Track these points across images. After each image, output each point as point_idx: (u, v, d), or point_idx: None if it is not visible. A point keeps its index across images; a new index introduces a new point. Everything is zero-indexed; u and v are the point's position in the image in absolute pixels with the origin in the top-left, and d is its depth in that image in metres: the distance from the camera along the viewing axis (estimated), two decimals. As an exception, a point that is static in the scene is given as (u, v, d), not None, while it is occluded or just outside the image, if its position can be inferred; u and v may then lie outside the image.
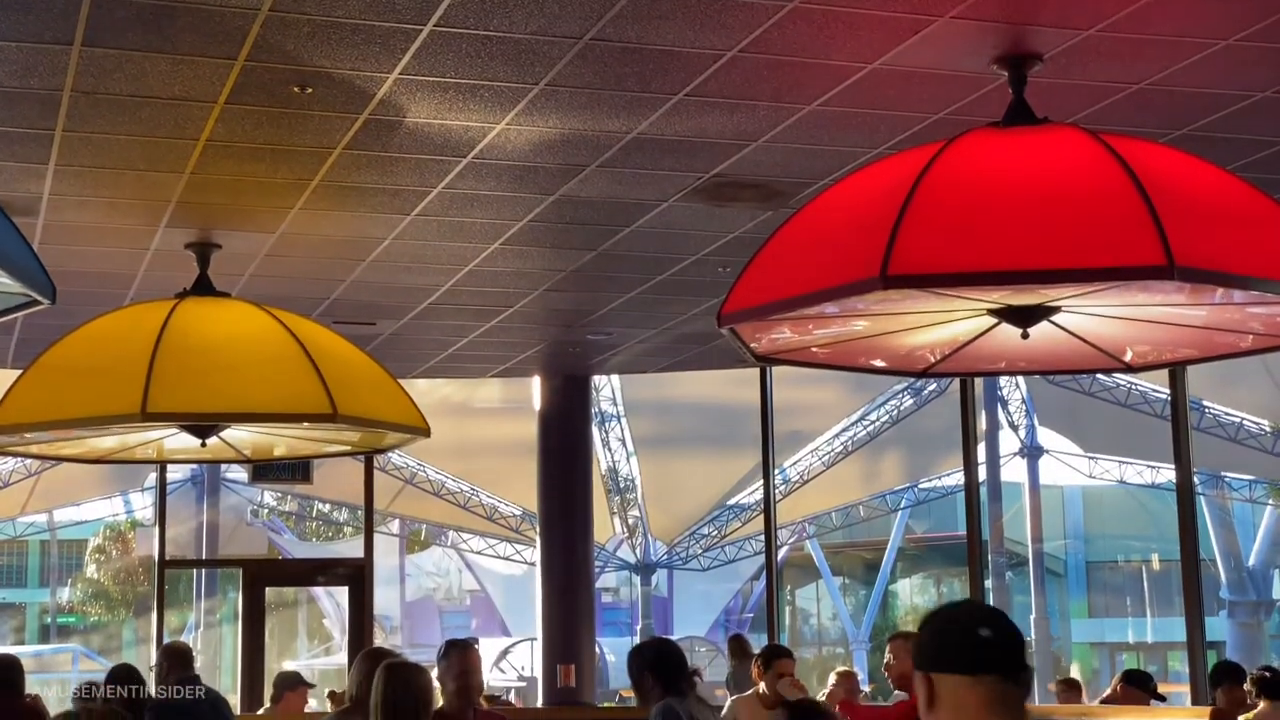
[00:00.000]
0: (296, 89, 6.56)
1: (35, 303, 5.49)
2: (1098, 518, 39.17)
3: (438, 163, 7.68)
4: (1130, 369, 7.27)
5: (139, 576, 37.15)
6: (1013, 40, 6.07)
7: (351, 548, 27.13)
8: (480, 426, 22.94)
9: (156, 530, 14.56)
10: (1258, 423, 25.26)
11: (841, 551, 38.32)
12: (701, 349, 13.01)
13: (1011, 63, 6.15)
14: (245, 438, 9.25)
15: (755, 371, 13.70)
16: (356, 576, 14.30)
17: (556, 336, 12.70)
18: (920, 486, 30.22)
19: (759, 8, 5.76)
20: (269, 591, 15.36)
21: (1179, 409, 11.28)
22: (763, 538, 14.41)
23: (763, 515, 14.27)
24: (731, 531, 28.73)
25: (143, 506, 32.89)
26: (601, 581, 30.96)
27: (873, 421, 27.06)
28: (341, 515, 30.90)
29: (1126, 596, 38.86)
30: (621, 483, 26.81)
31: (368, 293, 10.59)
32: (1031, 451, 28.66)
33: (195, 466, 23.71)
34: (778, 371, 13.73)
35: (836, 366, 7.47)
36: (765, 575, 17.12)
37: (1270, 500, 30.17)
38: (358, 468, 14.81)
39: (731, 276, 6.16)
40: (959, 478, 18.30)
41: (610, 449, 25.89)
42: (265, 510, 31.95)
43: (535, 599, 15.17)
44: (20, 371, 8.24)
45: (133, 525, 36.15)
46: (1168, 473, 19.29)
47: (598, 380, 21.50)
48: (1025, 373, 18.70)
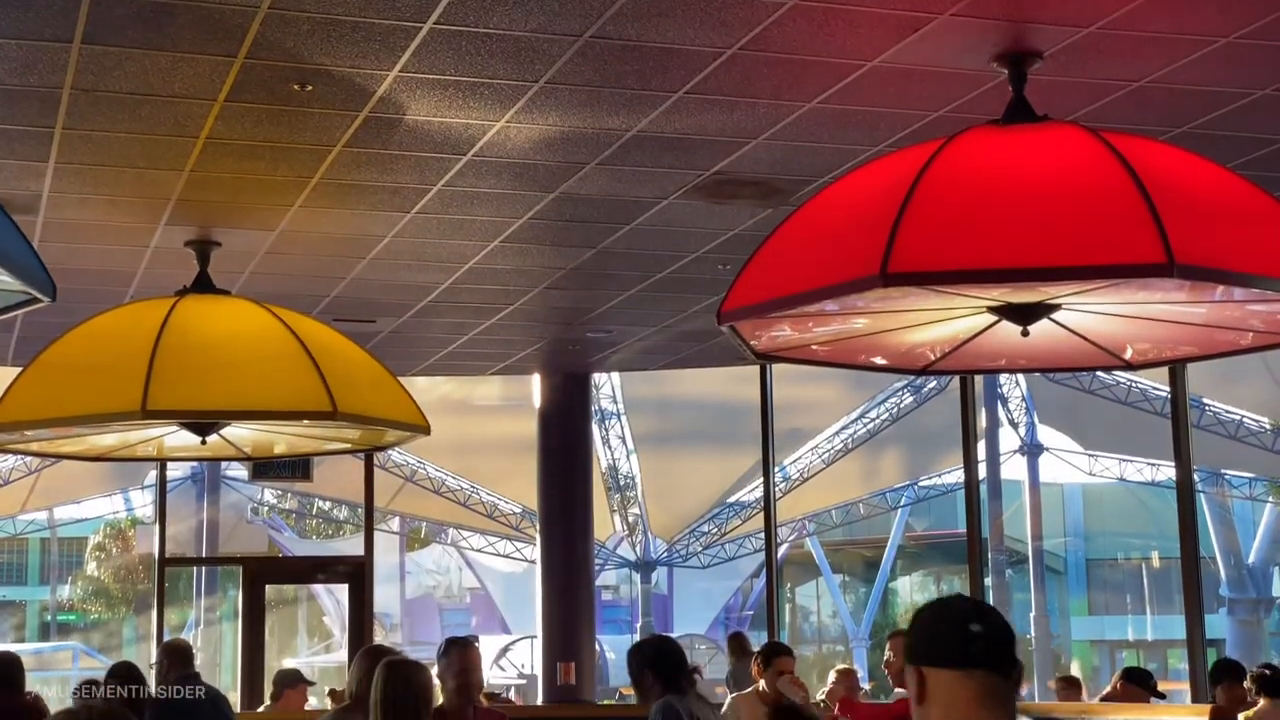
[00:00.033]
0: (296, 86, 6.56)
1: (35, 300, 5.49)
2: (1098, 515, 39.19)
3: (437, 160, 7.68)
4: (1130, 366, 7.26)
5: (139, 574, 37.15)
6: (1013, 38, 6.07)
7: (351, 545, 27.12)
8: (480, 424, 22.93)
9: (157, 528, 14.57)
10: (1258, 420, 25.25)
11: (841, 549, 38.33)
12: (701, 346, 13.01)
13: (1011, 60, 6.14)
14: (245, 435, 9.25)
15: (755, 369, 13.71)
16: (356, 574, 14.30)
17: (556, 334, 12.70)
18: (920, 484, 30.21)
19: (759, 5, 5.76)
20: (269, 589, 15.36)
21: (1179, 406, 11.28)
22: (763, 535, 14.42)
23: (763, 513, 14.27)
24: (731, 529, 28.72)
25: (143, 504, 32.92)
26: (601, 579, 30.96)
27: (873, 419, 27.05)
28: (341, 513, 30.88)
29: (1126, 594, 38.89)
30: (621, 480, 26.80)
31: (368, 290, 10.59)
32: (1031, 449, 28.66)
33: (195, 464, 23.70)
34: (778, 369, 13.73)
35: (836, 364, 7.46)
36: (765, 573, 17.14)
37: (1270, 498, 30.17)
38: (358, 465, 14.82)
39: (731, 274, 6.16)
40: (959, 475, 18.30)
41: (610, 446, 25.88)
42: (265, 508, 31.96)
43: (535, 597, 15.17)
44: (20, 369, 8.23)
45: (133, 523, 36.17)
46: (1168, 470, 19.31)
47: (598, 378, 21.49)
48: (1025, 370, 18.69)
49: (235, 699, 12.91)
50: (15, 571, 44.23)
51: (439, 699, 5.90)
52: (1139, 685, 10.17)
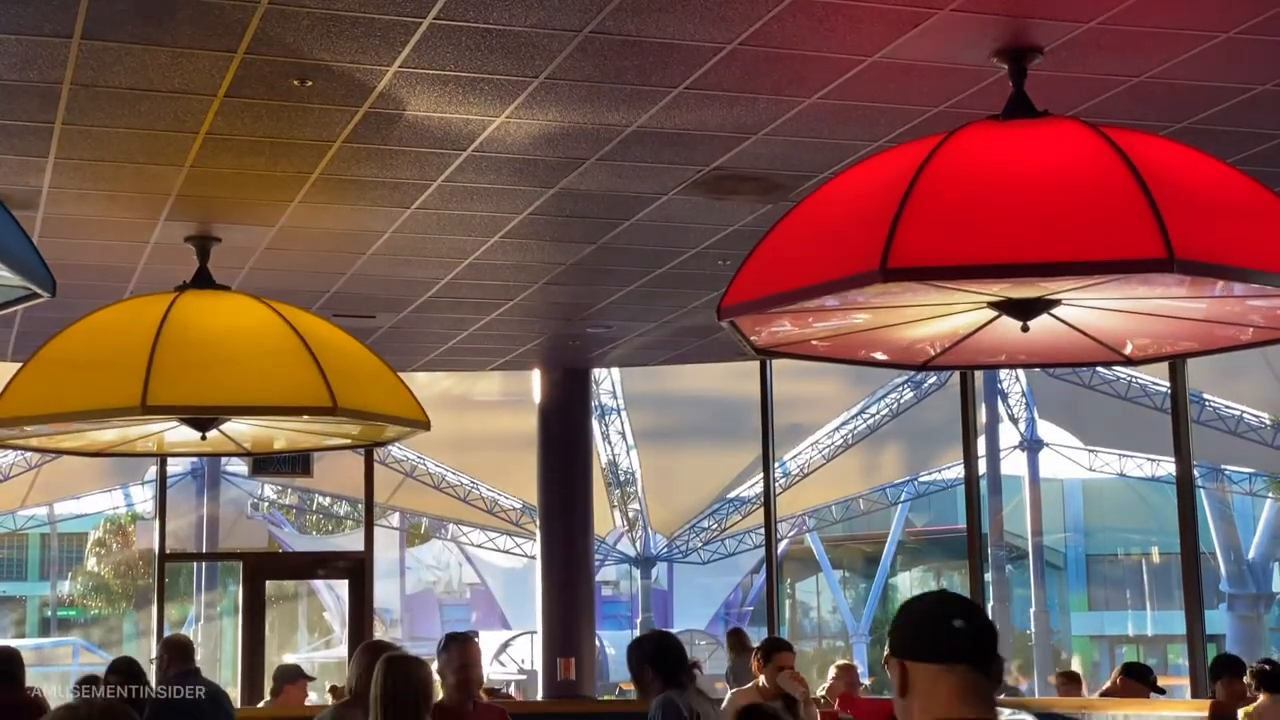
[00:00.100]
0: (296, 82, 6.56)
1: (35, 296, 5.48)
2: (1098, 511, 39.20)
3: (437, 156, 7.68)
4: (1130, 362, 7.26)
5: (139, 570, 37.14)
6: (1013, 33, 6.07)
7: (352, 541, 27.12)
8: (480, 420, 22.92)
9: (157, 523, 14.57)
10: (1258, 416, 25.24)
11: (841, 545, 38.33)
12: (701, 342, 13.01)
13: (1012, 55, 6.14)
14: (245, 431, 9.25)
15: (755, 365, 13.70)
16: (357, 570, 14.30)
17: (556, 330, 12.69)
18: (920, 480, 30.18)
19: (759, 0, 5.76)
20: (269, 584, 15.38)
21: (1179, 402, 11.28)
22: (763, 531, 14.41)
23: (763, 508, 14.27)
24: (732, 525, 28.70)
25: (143, 500, 32.87)
26: (601, 575, 30.96)
27: (873, 415, 27.03)
28: (342, 508, 30.87)
29: (1126, 590, 38.90)
30: (621, 476, 26.78)
31: (367, 286, 10.59)
32: (1031, 445, 28.65)
33: (195, 459, 23.72)
34: (778, 365, 13.73)
35: (836, 359, 7.45)
36: (765, 568, 17.15)
37: (1270, 493, 30.16)
38: (358, 461, 14.81)
39: (731, 269, 6.16)
40: (959, 471, 18.29)
41: (610, 442, 25.86)
42: (265, 503, 31.95)
43: (535, 592, 15.17)
44: (20, 364, 8.24)
45: (133, 518, 36.18)
46: (1168, 466, 19.31)
47: (598, 373, 21.47)
48: (1025, 366, 18.67)
49: (235, 694, 12.91)
50: (15, 567, 44.25)
51: (439, 694, 5.91)
52: (1139, 680, 10.18)
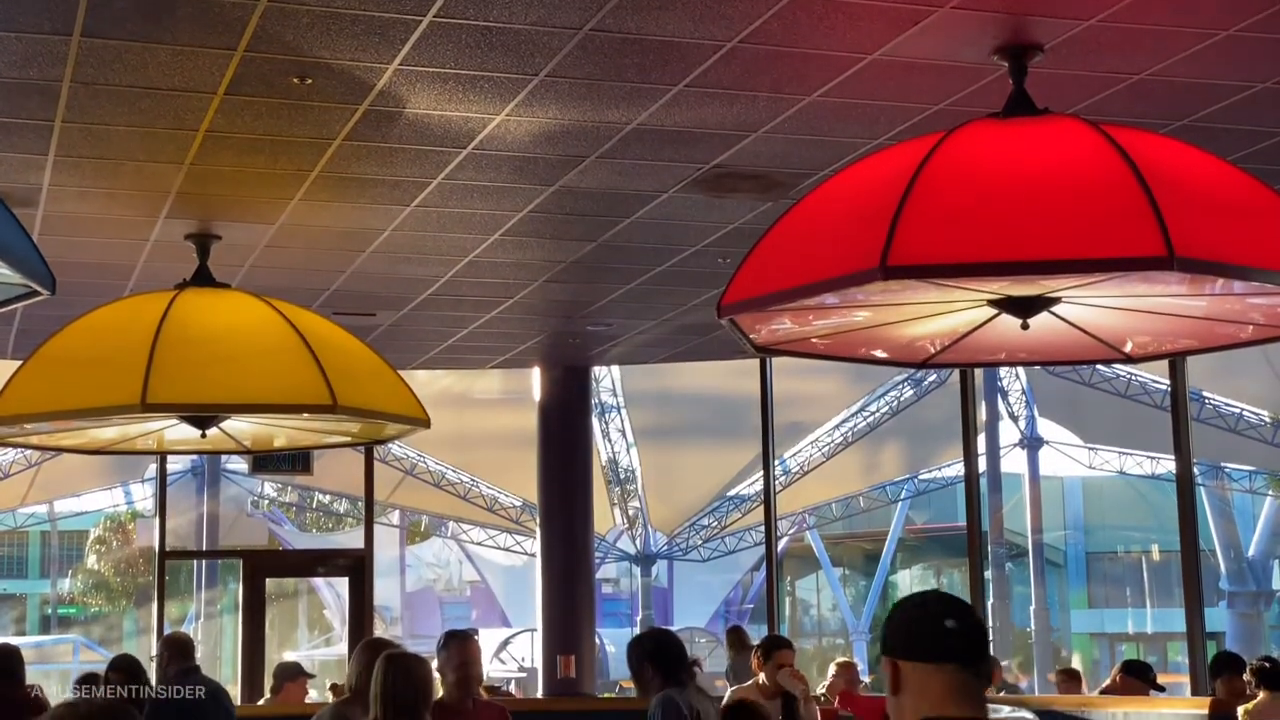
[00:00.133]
0: (296, 80, 6.56)
1: (35, 293, 5.49)
2: (1097, 508, 39.18)
3: (437, 154, 7.68)
4: (1130, 360, 7.25)
5: (139, 567, 37.14)
6: (1013, 31, 6.07)
7: (352, 539, 27.12)
8: (480, 418, 22.93)
9: (157, 521, 14.56)
10: (1257, 413, 25.25)
11: (841, 542, 38.33)
12: (701, 340, 13.01)
13: (1012, 53, 6.14)
14: (245, 429, 9.25)
15: (755, 362, 13.70)
16: (357, 567, 14.30)
17: (556, 327, 12.69)
18: (920, 477, 30.19)
19: (759, -2, 5.76)
20: (269, 582, 15.37)
21: (1179, 400, 11.28)
22: (763, 529, 14.40)
23: (763, 506, 14.27)
24: (732, 522, 28.71)
25: (143, 497, 32.86)
26: (601, 572, 30.98)
27: (873, 412, 27.03)
28: (342, 506, 30.88)
29: (1126, 587, 38.88)
30: (621, 474, 26.78)
31: (367, 284, 10.59)
32: (1031, 442, 28.65)
33: (195, 457, 23.74)
34: (778, 362, 13.73)
35: (836, 357, 7.45)
36: (765, 566, 17.14)
37: (1270, 491, 30.15)
38: (358, 459, 14.81)
39: (731, 267, 6.15)
40: (959, 469, 18.29)
41: (610, 440, 25.86)
42: (265, 501, 31.94)
43: (535, 590, 15.18)
44: (20, 362, 8.23)
45: (133, 516, 36.18)
46: (1167, 463, 19.32)
47: (597, 371, 21.48)
48: (1025, 363, 18.66)
49: (235, 692, 12.92)
50: (15, 565, 44.26)
51: (439, 692, 5.91)
52: (1138, 678, 10.18)
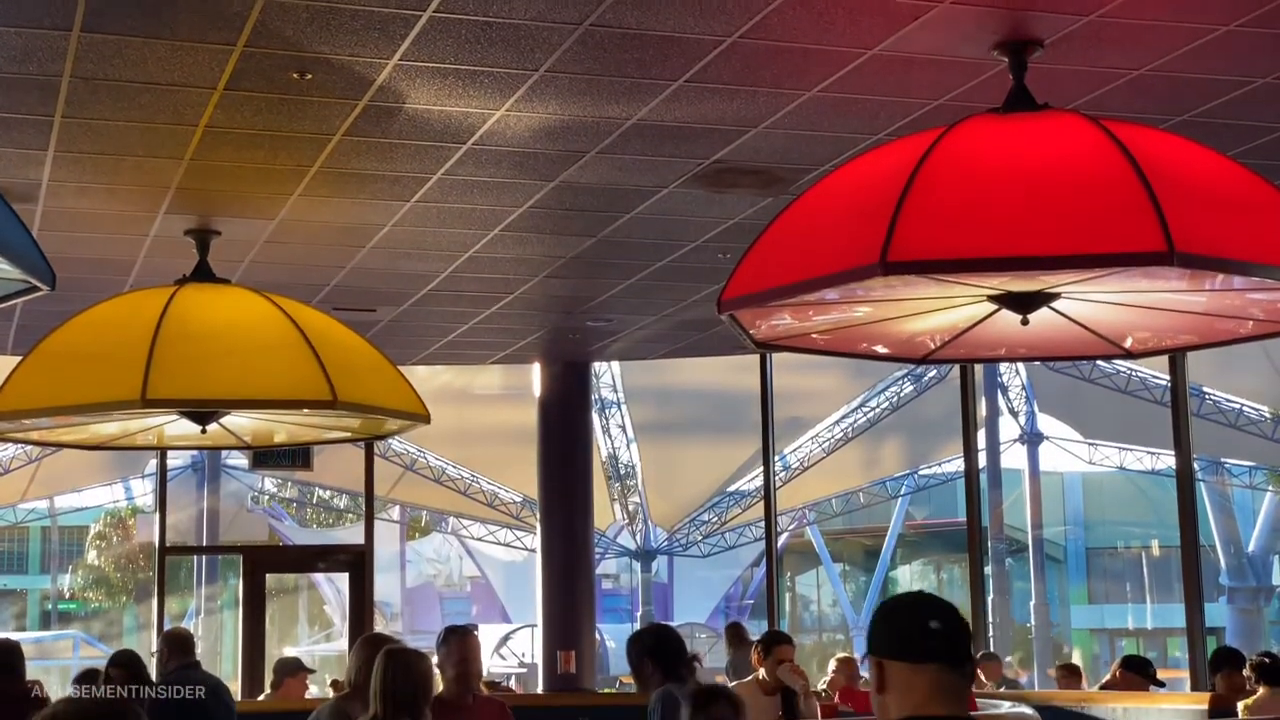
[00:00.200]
0: (295, 75, 6.56)
1: (35, 289, 5.48)
2: (1097, 504, 39.17)
3: (437, 149, 7.68)
4: (1130, 355, 7.26)
5: (140, 563, 37.14)
6: (1013, 26, 6.06)
7: (352, 534, 27.15)
8: (480, 413, 22.94)
9: (157, 517, 14.58)
10: (1257, 409, 25.26)
11: (842, 538, 38.33)
12: (701, 335, 13.01)
13: (1012, 48, 6.14)
14: (245, 424, 9.25)
15: (755, 358, 13.71)
16: (357, 563, 14.32)
17: (556, 323, 12.69)
18: (920, 473, 30.20)
19: (759, -7, 5.76)
20: (269, 578, 15.38)
21: (1179, 395, 11.29)
22: (763, 524, 14.41)
23: (763, 502, 14.28)
24: (732, 518, 28.73)
25: (143, 493, 32.88)
26: (602, 568, 30.98)
27: (873, 408, 27.05)
28: (342, 502, 30.91)
29: (1126, 583, 38.87)
30: (622, 469, 26.80)
31: (367, 279, 10.59)
32: (1031, 438, 28.66)
33: (196, 453, 23.73)
34: (778, 358, 13.74)
35: (836, 353, 7.46)
36: (765, 562, 17.12)
37: (1270, 486, 30.16)
38: (358, 454, 14.82)
39: (731, 263, 6.16)
40: (959, 464, 18.29)
41: (610, 435, 25.88)
42: (266, 497, 31.96)
43: (536, 585, 15.18)
44: (20, 358, 8.23)
45: (133, 511, 36.16)
46: (1168, 459, 19.29)
47: (598, 367, 21.47)
48: (1025, 359, 18.67)
49: (236, 688, 12.93)
50: (16, 560, 44.24)
51: (439, 687, 5.91)
52: (1138, 673, 10.18)
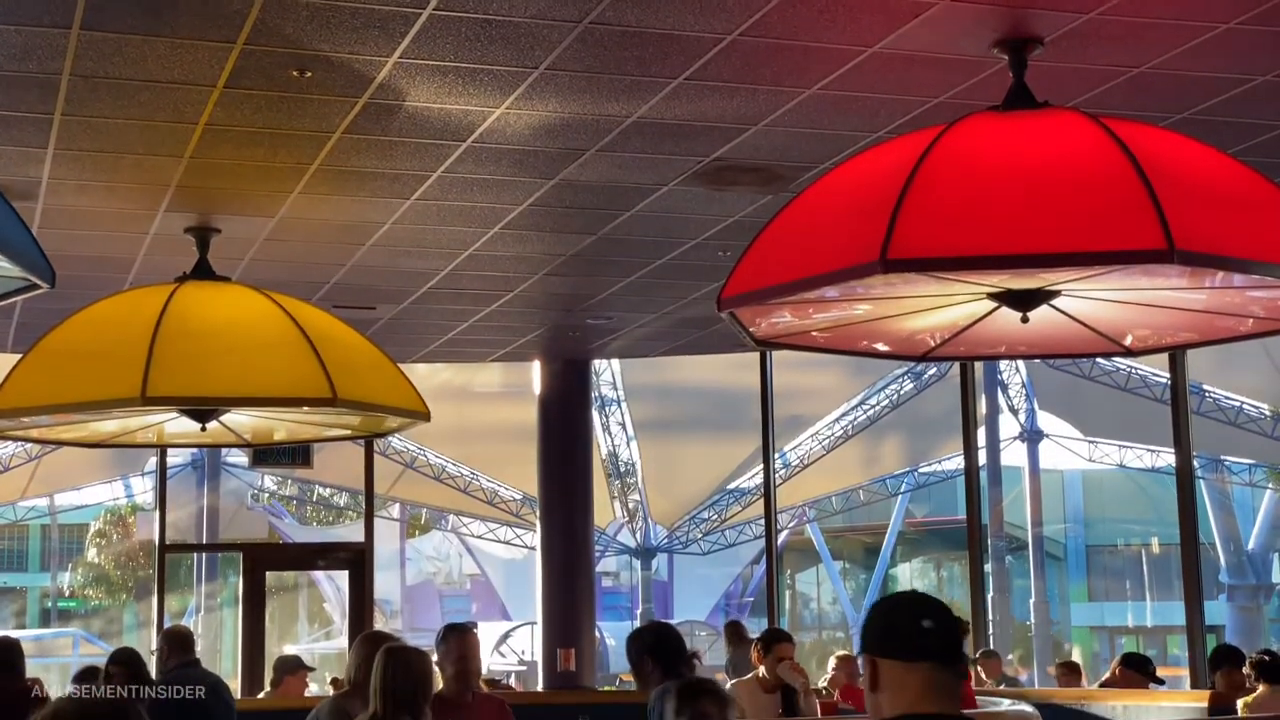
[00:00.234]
0: (295, 73, 6.55)
1: (34, 287, 5.48)
2: (1097, 502, 39.18)
3: (437, 147, 7.67)
4: (1130, 353, 7.26)
5: (140, 561, 37.14)
6: (1013, 24, 6.06)
7: (352, 532, 27.14)
8: (480, 411, 22.95)
9: (157, 514, 14.58)
10: (1257, 406, 25.27)
11: (841, 536, 38.35)
12: (701, 333, 13.01)
13: (1012, 46, 6.14)
14: (245, 422, 9.25)
15: (755, 356, 13.71)
16: (357, 561, 14.32)
17: (556, 321, 12.69)
18: (920, 471, 30.23)
19: (759, -9, 5.75)
20: (269, 575, 15.38)
21: (1179, 393, 11.29)
22: (763, 522, 14.42)
23: (763, 499, 14.28)
24: (732, 516, 28.76)
25: (143, 491, 32.91)
26: (601, 566, 30.99)
27: (873, 406, 27.07)
28: (342, 500, 30.91)
29: (1126, 580, 38.88)
30: (622, 467, 26.82)
31: (367, 277, 10.59)
32: (1031, 435, 28.68)
33: (195, 451, 23.72)
34: (778, 356, 13.74)
35: (836, 350, 7.46)
36: (765, 559, 17.13)
37: (1270, 484, 30.18)
38: (358, 452, 14.83)
39: (731, 261, 6.15)
40: (959, 462, 18.31)
41: (610, 433, 25.90)
42: (265, 494, 31.97)
43: (535, 583, 15.18)
44: (20, 356, 8.23)
45: (133, 509, 36.16)
46: (1167, 457, 19.31)
47: (598, 364, 21.49)
48: (1025, 356, 18.69)
49: (236, 685, 12.93)
50: (16, 558, 44.23)
51: (439, 685, 5.91)
52: (1138, 671, 10.19)
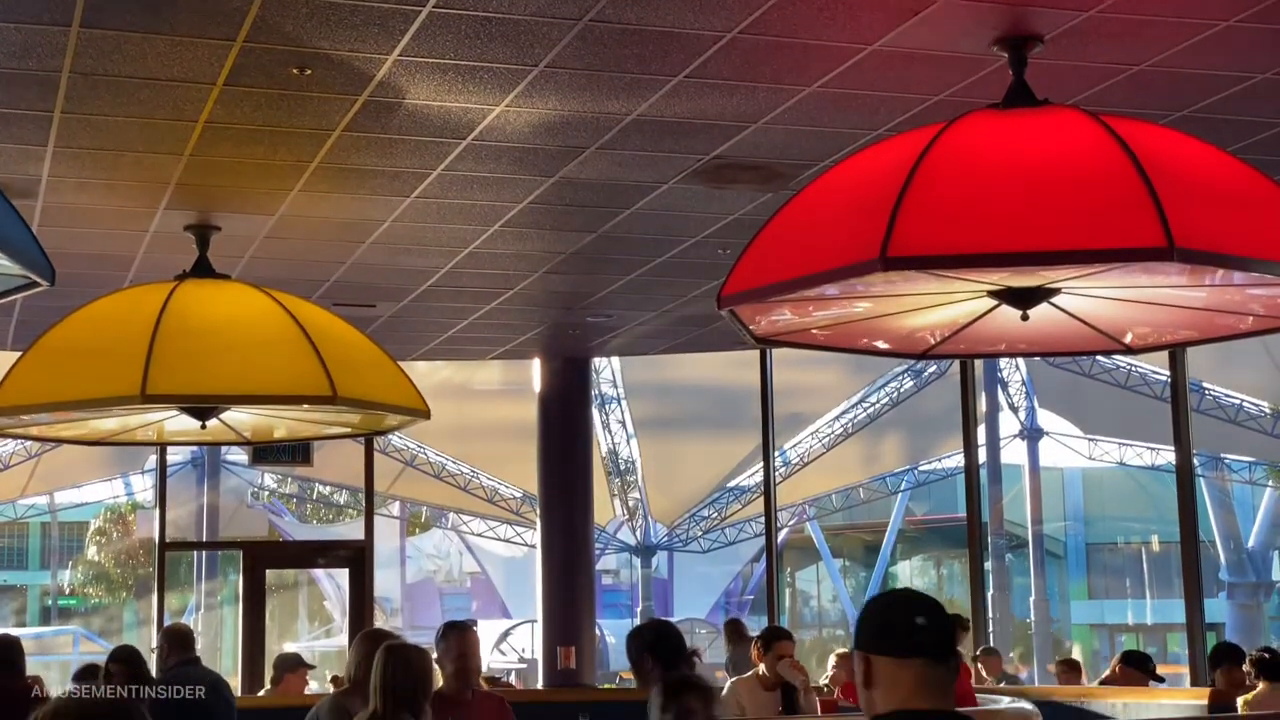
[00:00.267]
0: (295, 70, 6.55)
1: (34, 284, 5.48)
2: (1097, 500, 39.19)
3: (437, 145, 7.67)
4: (1130, 351, 7.26)
5: (140, 559, 37.14)
6: (1013, 21, 6.06)
7: (352, 530, 27.11)
8: (480, 409, 22.94)
9: (157, 512, 14.58)
10: (1257, 404, 25.27)
11: (841, 533, 38.35)
12: (701, 331, 13.01)
13: (1012, 44, 6.13)
14: (245, 420, 9.25)
15: (755, 354, 13.71)
16: (357, 558, 14.32)
17: (556, 319, 12.69)
18: (920, 468, 30.22)
19: (759, -11, 5.75)
20: (269, 573, 15.39)
21: (1179, 391, 11.29)
22: (763, 520, 14.42)
23: (763, 497, 14.28)
24: (732, 513, 28.75)
25: (143, 489, 32.90)
26: (602, 564, 30.99)
27: (873, 403, 27.07)
28: (342, 497, 30.90)
29: (1126, 578, 38.90)
30: (622, 465, 26.81)
31: (367, 275, 10.59)
32: (1031, 433, 28.68)
33: (195, 449, 23.73)
34: (778, 354, 13.74)
35: (836, 348, 7.45)
36: (765, 557, 17.15)
37: (1270, 482, 30.18)
38: (358, 450, 14.83)
39: (731, 258, 6.15)
40: (959, 460, 18.31)
41: (610, 431, 25.90)
42: (265, 492, 31.97)
43: (535, 581, 15.18)
44: (20, 353, 8.23)
45: (133, 507, 36.16)
46: (1167, 454, 19.33)
47: (598, 362, 21.49)
48: (1025, 354, 18.68)
49: (236, 683, 12.93)
50: (16, 556, 44.24)
51: (438, 683, 5.91)
52: (1138, 668, 10.20)
